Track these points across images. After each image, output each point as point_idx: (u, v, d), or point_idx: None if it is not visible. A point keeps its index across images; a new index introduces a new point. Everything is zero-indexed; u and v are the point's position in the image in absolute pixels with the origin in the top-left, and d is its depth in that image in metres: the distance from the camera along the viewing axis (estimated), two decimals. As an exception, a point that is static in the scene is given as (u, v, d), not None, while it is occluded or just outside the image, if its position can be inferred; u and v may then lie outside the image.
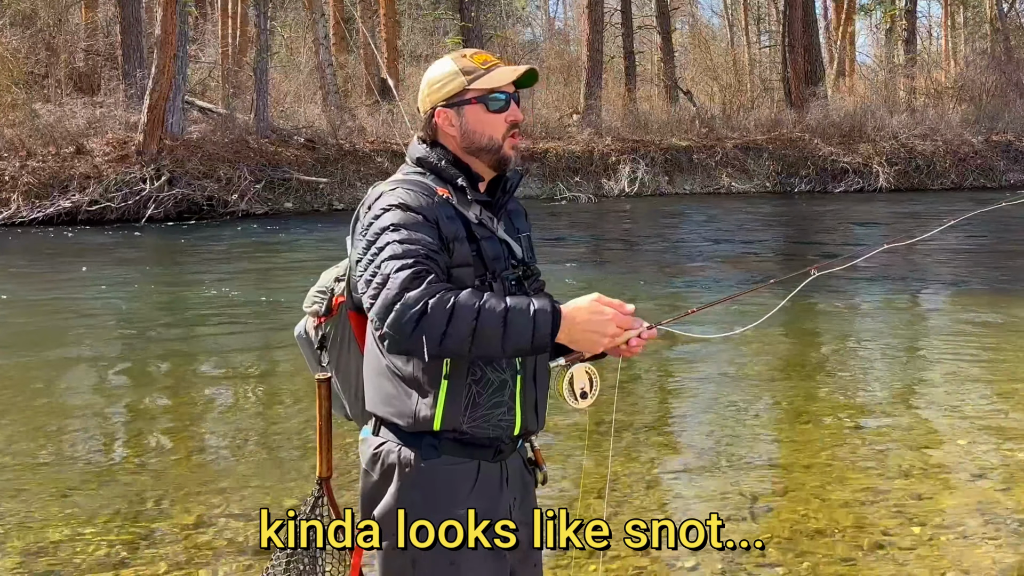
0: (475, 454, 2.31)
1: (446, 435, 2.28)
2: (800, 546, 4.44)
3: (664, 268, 14.89)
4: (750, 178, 28.23)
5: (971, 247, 16.52)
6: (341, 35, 31.69)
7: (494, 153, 2.39)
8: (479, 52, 2.43)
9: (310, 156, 23.81)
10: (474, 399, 2.27)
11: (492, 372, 2.28)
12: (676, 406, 7.14)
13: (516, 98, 2.43)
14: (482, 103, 2.37)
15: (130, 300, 11.92)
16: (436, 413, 2.26)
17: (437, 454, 2.28)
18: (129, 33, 25.92)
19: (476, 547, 2.27)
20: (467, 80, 2.38)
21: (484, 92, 2.37)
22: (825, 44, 38.28)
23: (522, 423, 2.35)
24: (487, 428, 2.30)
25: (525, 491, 2.43)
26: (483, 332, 2.11)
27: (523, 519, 2.41)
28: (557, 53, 38.86)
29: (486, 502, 2.30)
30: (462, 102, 2.38)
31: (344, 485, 4.47)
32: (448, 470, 2.28)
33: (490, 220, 2.38)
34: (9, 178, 20.50)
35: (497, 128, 2.38)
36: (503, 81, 2.38)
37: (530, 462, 2.47)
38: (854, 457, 5.71)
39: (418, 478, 2.28)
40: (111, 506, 5.05)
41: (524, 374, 2.34)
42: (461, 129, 2.39)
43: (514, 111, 2.40)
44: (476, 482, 2.30)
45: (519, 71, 2.39)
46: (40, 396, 7.36)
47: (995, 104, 31.97)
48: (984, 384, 7.38)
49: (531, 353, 2.21)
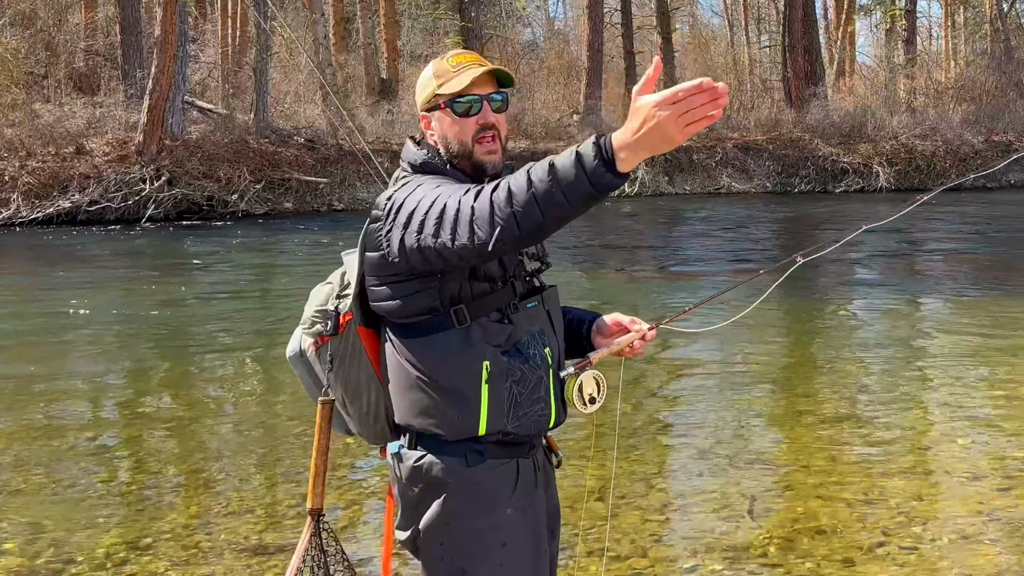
0: (514, 452, 2.33)
1: (490, 438, 2.29)
2: (800, 546, 4.44)
3: (665, 268, 14.89)
4: (750, 178, 28.23)
5: (970, 242, 16.52)
6: (341, 35, 31.70)
7: (466, 159, 2.32)
8: (460, 53, 2.36)
9: (310, 156, 23.81)
10: (515, 399, 2.28)
11: (530, 370, 2.29)
12: (676, 406, 7.13)
13: (497, 99, 2.34)
14: (449, 107, 2.31)
15: (129, 300, 11.92)
16: (480, 418, 2.25)
17: (483, 459, 2.28)
18: (129, 33, 25.92)
19: (522, 547, 2.31)
20: (437, 84, 2.33)
21: (451, 96, 2.30)
22: (825, 44, 38.29)
23: (555, 416, 2.38)
24: (529, 426, 2.32)
25: (549, 478, 2.48)
26: (545, 199, 1.93)
27: (548, 506, 2.46)
28: (557, 53, 38.89)
29: (527, 499, 2.34)
30: (434, 107, 2.34)
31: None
32: (492, 474, 2.29)
33: None
34: (9, 178, 20.51)
35: (465, 132, 2.30)
36: (464, 84, 2.28)
37: (547, 449, 2.49)
38: (854, 457, 5.70)
39: (464, 486, 2.28)
40: (111, 506, 5.05)
41: (553, 367, 2.36)
42: (438, 135, 2.35)
43: (484, 114, 2.30)
44: (517, 481, 2.32)
45: (475, 73, 2.28)
46: (39, 396, 7.36)
47: (995, 104, 31.97)
48: (984, 384, 7.37)
49: (598, 191, 1.90)
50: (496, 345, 2.26)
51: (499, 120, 2.34)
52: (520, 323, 2.31)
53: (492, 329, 2.26)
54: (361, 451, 5.73)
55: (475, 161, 2.32)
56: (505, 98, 2.36)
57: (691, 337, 8.45)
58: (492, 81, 2.34)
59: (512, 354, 2.27)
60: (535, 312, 2.35)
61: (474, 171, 2.32)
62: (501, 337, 2.27)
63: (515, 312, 2.30)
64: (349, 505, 5.04)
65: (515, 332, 2.29)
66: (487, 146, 2.32)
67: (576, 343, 2.54)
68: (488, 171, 2.32)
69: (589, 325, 2.55)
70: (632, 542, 4.48)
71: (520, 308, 2.32)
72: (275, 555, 4.38)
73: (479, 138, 2.31)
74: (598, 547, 4.39)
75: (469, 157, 2.32)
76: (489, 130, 2.31)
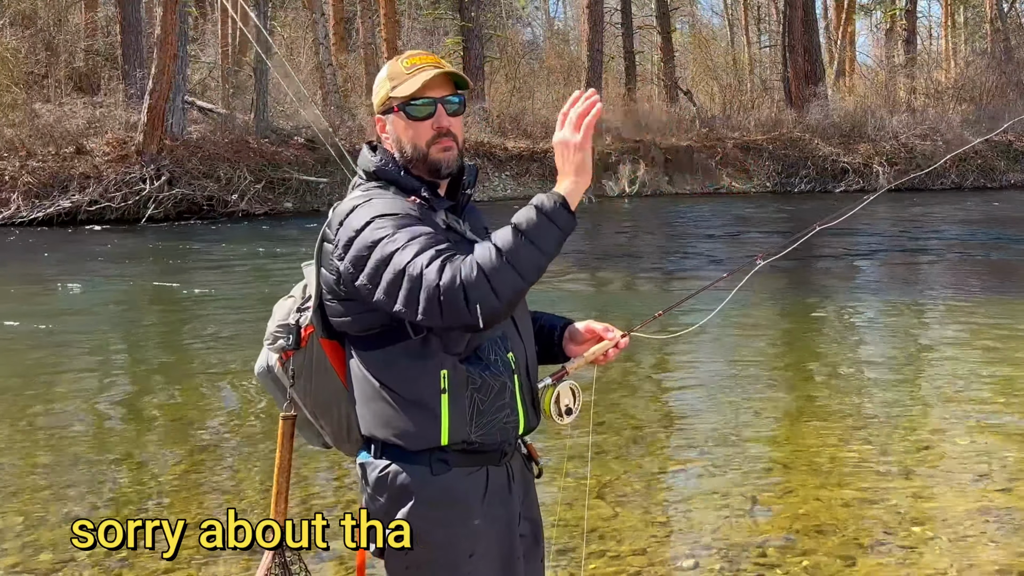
0: (483, 461, 2.28)
1: (454, 447, 2.24)
2: (800, 546, 4.44)
3: (660, 269, 14.90)
4: (750, 178, 28.25)
5: (969, 242, 16.52)
6: (341, 35, 31.70)
7: (421, 162, 2.28)
8: (416, 55, 2.31)
9: (310, 156, 23.81)
10: (478, 407, 2.24)
11: (491, 377, 2.25)
12: (676, 406, 7.13)
13: (454, 101, 2.29)
14: (402, 110, 2.27)
15: (129, 300, 11.92)
16: (442, 428, 2.22)
17: (448, 468, 2.24)
18: (129, 33, 25.92)
19: (491, 557, 2.27)
20: (391, 86, 2.29)
21: (404, 99, 2.26)
22: (825, 44, 38.27)
23: (525, 421, 2.33)
24: (495, 433, 2.27)
25: (527, 487, 2.43)
26: (519, 259, 2.04)
27: (527, 514, 2.41)
28: (557, 53, 38.89)
29: (498, 508, 2.29)
30: (388, 110, 2.31)
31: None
32: (459, 482, 2.25)
33: (457, 223, 2.31)
34: (9, 178, 20.51)
35: (420, 136, 2.26)
36: (416, 86, 2.24)
37: (526, 457, 2.45)
38: (854, 457, 5.70)
39: (430, 495, 2.24)
40: (111, 506, 5.05)
41: (519, 372, 2.31)
42: (392, 138, 2.32)
43: (439, 117, 2.26)
44: (487, 490, 2.28)
45: (427, 76, 2.24)
46: (39, 396, 7.36)
47: (995, 104, 31.97)
48: (985, 384, 7.37)
49: (560, 228, 2.09)
50: (455, 353, 2.22)
51: (454, 123, 2.29)
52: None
53: (450, 337, 2.22)
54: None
55: (430, 161, 2.28)
56: (462, 101, 2.32)
57: (683, 338, 8.43)
58: (448, 83, 2.29)
59: (472, 361, 2.24)
60: None
61: (429, 172, 2.30)
62: (460, 345, 2.23)
63: None
64: (335, 506, 5.03)
65: (474, 338, 2.23)
66: (443, 143, 2.28)
67: (547, 349, 2.50)
68: (443, 171, 2.30)
69: (561, 331, 2.50)
70: (632, 542, 4.48)
71: None
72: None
73: (434, 141, 2.28)
74: (600, 548, 4.39)
75: (424, 159, 2.28)
76: (445, 136, 2.28)
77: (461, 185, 2.36)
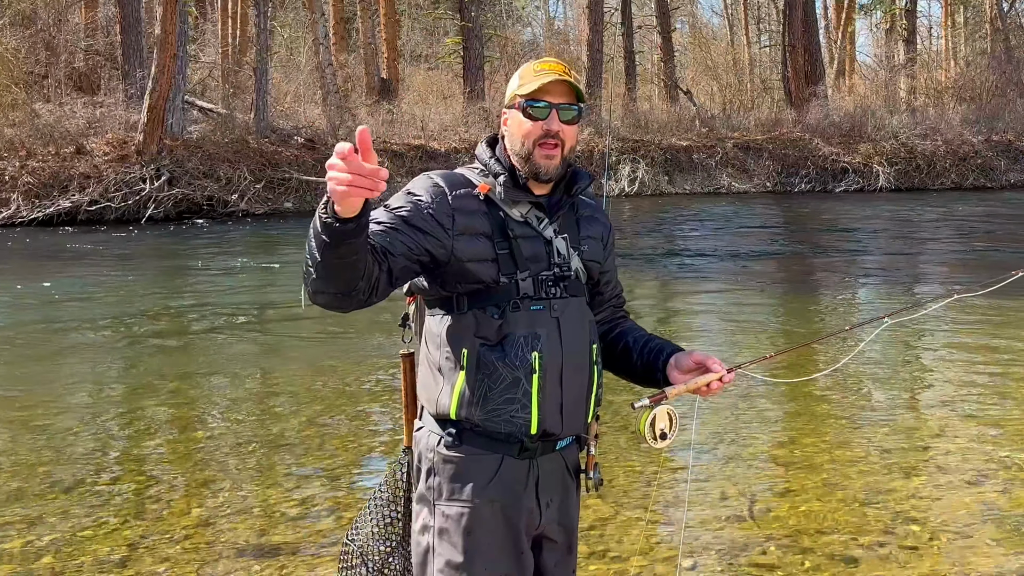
0: (498, 448, 2.34)
1: (465, 425, 2.34)
2: (800, 546, 4.44)
3: (661, 276, 14.90)
4: (750, 178, 28.25)
5: (968, 242, 16.51)
6: (341, 35, 31.71)
7: (525, 159, 2.39)
8: (548, 61, 2.43)
9: (310, 156, 23.82)
10: (486, 392, 2.31)
11: (504, 368, 2.30)
12: (676, 406, 7.12)
13: (570, 109, 2.39)
14: (521, 108, 2.40)
15: (129, 300, 11.92)
16: (452, 402, 2.33)
17: (459, 443, 2.34)
18: (129, 33, 25.93)
19: (490, 542, 2.32)
20: (518, 84, 2.42)
21: (524, 97, 2.39)
22: (825, 44, 38.30)
23: (539, 423, 2.33)
24: (499, 423, 2.32)
25: (565, 494, 2.45)
26: (310, 251, 2.07)
27: (560, 520, 2.43)
28: (557, 53, 38.87)
29: (506, 496, 2.34)
30: (511, 105, 2.44)
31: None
32: (468, 460, 2.34)
33: (538, 220, 2.40)
34: (9, 178, 20.52)
35: (530, 134, 2.37)
36: (535, 87, 2.36)
37: (575, 467, 2.48)
38: (854, 457, 5.71)
39: (441, 464, 2.36)
40: (111, 506, 5.06)
41: (544, 374, 2.33)
42: (509, 131, 2.44)
43: (551, 120, 2.37)
44: (496, 475, 2.33)
45: (546, 79, 2.36)
46: (39, 397, 7.36)
47: (995, 104, 32.00)
48: (985, 384, 7.37)
49: (334, 239, 1.99)
50: (482, 337, 2.32)
51: (565, 130, 2.38)
52: (516, 322, 2.31)
53: (484, 322, 2.32)
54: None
55: (533, 163, 2.39)
56: (579, 111, 2.42)
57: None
58: (569, 93, 2.40)
59: (494, 349, 2.31)
60: (538, 316, 2.34)
61: (531, 174, 2.40)
62: (490, 331, 2.32)
63: (515, 311, 2.31)
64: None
65: (505, 328, 2.31)
66: (547, 150, 2.38)
67: (650, 372, 2.55)
68: (541, 175, 2.39)
69: (667, 357, 2.54)
70: (632, 542, 4.48)
71: (522, 307, 2.33)
72: (275, 556, 4.38)
73: (541, 142, 2.37)
74: (600, 548, 4.40)
75: (528, 158, 2.39)
76: (552, 137, 2.37)
77: (568, 189, 2.46)
